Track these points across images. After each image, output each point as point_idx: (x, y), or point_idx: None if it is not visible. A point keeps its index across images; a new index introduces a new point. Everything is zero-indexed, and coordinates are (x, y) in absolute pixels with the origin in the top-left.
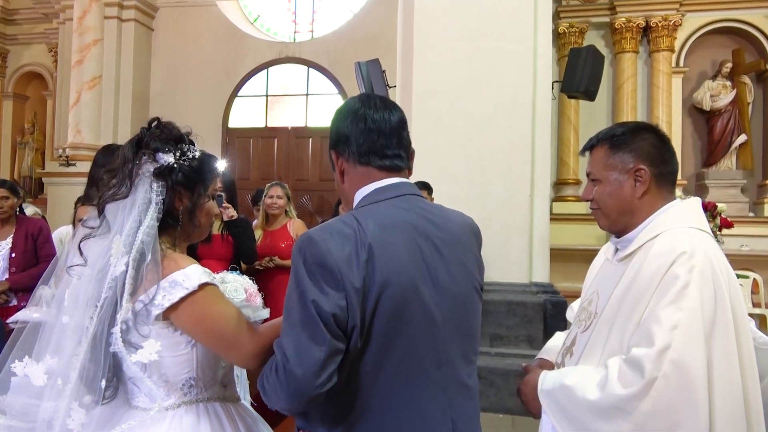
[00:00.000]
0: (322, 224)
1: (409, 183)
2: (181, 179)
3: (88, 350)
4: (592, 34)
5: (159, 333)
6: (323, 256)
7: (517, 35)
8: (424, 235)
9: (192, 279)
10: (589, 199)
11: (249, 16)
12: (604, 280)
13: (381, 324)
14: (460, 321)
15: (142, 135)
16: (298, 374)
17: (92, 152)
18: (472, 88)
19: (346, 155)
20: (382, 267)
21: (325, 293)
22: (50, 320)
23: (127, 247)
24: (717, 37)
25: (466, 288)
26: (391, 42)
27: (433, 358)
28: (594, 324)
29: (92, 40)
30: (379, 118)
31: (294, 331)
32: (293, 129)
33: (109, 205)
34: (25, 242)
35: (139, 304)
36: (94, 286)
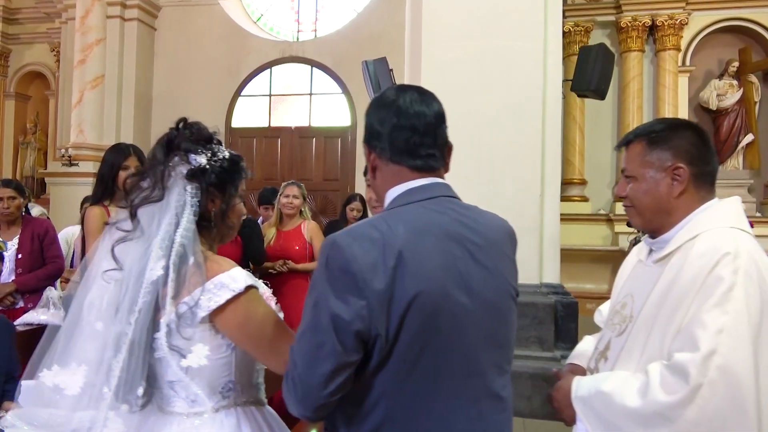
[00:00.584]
0: (350, 227)
1: (443, 183)
2: (213, 180)
3: (127, 357)
4: (598, 33)
5: (202, 336)
6: (346, 262)
7: (527, 33)
8: (458, 240)
9: (238, 281)
10: (623, 196)
11: (252, 15)
12: (639, 283)
13: (409, 334)
14: (493, 330)
15: (172, 136)
16: (306, 383)
17: (95, 152)
18: (481, 87)
19: (378, 151)
20: (412, 274)
21: (346, 301)
22: (78, 326)
23: (164, 250)
24: (723, 35)
25: (501, 296)
26: (396, 41)
27: (464, 369)
28: (630, 328)
29: (95, 40)
30: (414, 114)
31: (305, 338)
32: (297, 129)
33: (143, 208)
34: (32, 243)
35: (183, 306)
36: (131, 291)
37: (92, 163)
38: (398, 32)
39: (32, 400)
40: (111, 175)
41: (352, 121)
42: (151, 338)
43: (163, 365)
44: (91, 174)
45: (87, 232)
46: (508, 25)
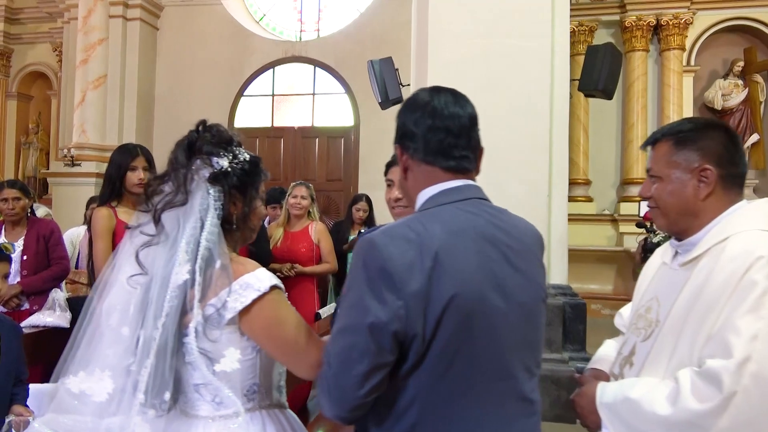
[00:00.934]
0: (385, 227)
1: (475, 186)
2: (235, 183)
3: (155, 362)
4: (602, 33)
5: (230, 338)
6: (384, 262)
7: (535, 32)
8: (493, 242)
9: (263, 281)
10: (647, 197)
11: (254, 15)
12: (664, 286)
13: (445, 335)
14: (525, 333)
15: (193, 139)
16: (342, 384)
17: (97, 152)
18: (488, 87)
19: (411, 152)
20: (449, 276)
21: (383, 301)
22: (98, 331)
23: (189, 254)
24: (728, 35)
25: (533, 299)
26: (399, 40)
27: (497, 372)
28: (656, 333)
29: (97, 40)
30: (449, 116)
31: (341, 338)
32: (300, 129)
33: (166, 213)
34: (37, 244)
35: (210, 308)
36: (157, 295)
37: (95, 163)
38: (402, 32)
39: (54, 407)
40: (119, 176)
41: (355, 121)
42: (179, 343)
43: (189, 369)
44: (94, 174)
45: (94, 234)
46: (515, 24)
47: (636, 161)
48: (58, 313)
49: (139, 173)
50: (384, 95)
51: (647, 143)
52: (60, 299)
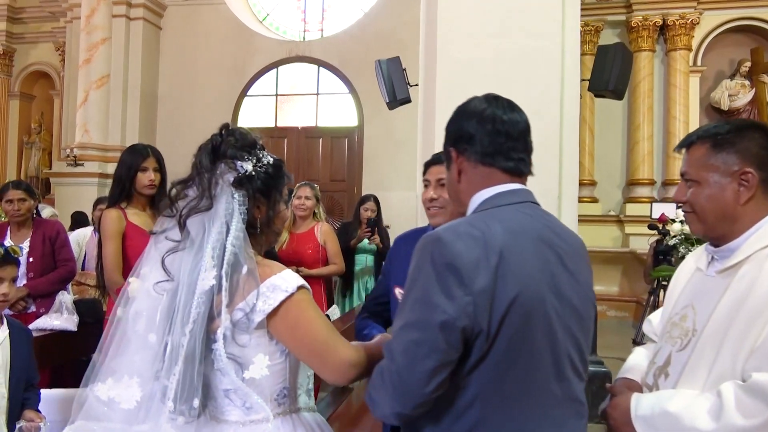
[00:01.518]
0: (448, 225)
1: (529, 190)
2: (259, 186)
3: (183, 369)
4: (608, 33)
5: (258, 342)
6: (453, 257)
7: (545, 31)
8: (549, 245)
9: (290, 282)
10: (682, 201)
11: (258, 14)
12: (701, 294)
13: (508, 333)
14: (577, 336)
15: (216, 142)
16: (407, 379)
17: (100, 152)
18: (498, 87)
19: (468, 154)
20: (512, 274)
21: (452, 297)
22: (125, 337)
23: (216, 259)
24: (735, 35)
25: (585, 302)
26: (404, 40)
27: (554, 373)
28: (693, 343)
29: (100, 39)
30: (508, 121)
31: (406, 333)
32: (303, 129)
33: (192, 218)
34: (43, 246)
35: (239, 312)
36: (184, 302)
37: (97, 163)
38: (406, 31)
39: (83, 414)
40: (129, 177)
41: (359, 121)
42: (207, 349)
43: (218, 374)
44: (97, 174)
45: (103, 236)
46: (525, 23)
47: (642, 162)
48: (66, 316)
49: (150, 174)
50: (392, 95)
51: (681, 146)
52: (67, 302)
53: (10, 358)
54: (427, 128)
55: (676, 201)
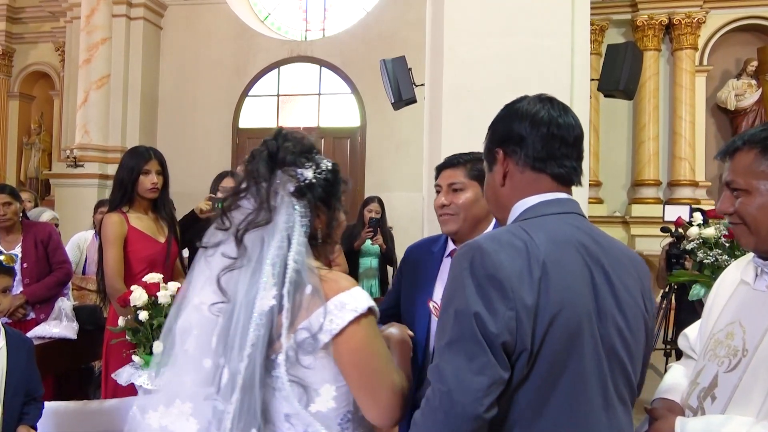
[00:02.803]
0: (489, 234)
1: (576, 201)
2: (320, 195)
3: (240, 397)
4: (613, 32)
5: (323, 365)
6: (495, 269)
7: (554, 30)
8: (595, 259)
9: (360, 301)
10: (729, 213)
11: (259, 14)
12: (749, 310)
13: (550, 352)
14: (622, 359)
15: (274, 149)
16: (460, 401)
17: (100, 153)
18: (507, 86)
19: (517, 157)
20: (556, 288)
21: (494, 311)
22: (176, 354)
23: (276, 277)
24: (741, 34)
25: (634, 322)
26: (407, 39)
27: (601, 399)
28: (744, 364)
29: (100, 39)
30: (564, 125)
31: (452, 352)
32: (305, 129)
33: (250, 234)
34: (36, 250)
35: (303, 332)
36: (242, 324)
37: (97, 164)
38: (409, 31)
39: None
40: (131, 180)
41: (362, 122)
42: (267, 373)
43: (278, 398)
44: (97, 175)
45: (105, 240)
46: (534, 22)
47: (648, 163)
48: (65, 324)
49: (153, 177)
50: (397, 95)
51: (725, 153)
52: (67, 309)
53: (7, 369)
54: (434, 129)
55: (722, 212)
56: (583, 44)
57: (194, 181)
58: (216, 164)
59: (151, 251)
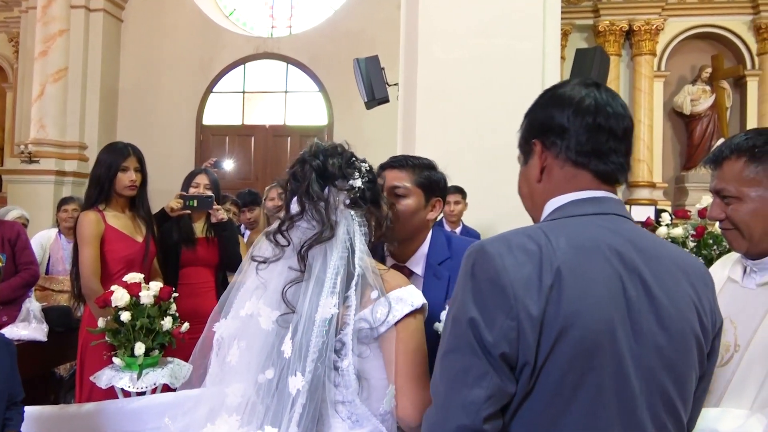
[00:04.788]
0: (502, 235)
1: (618, 201)
2: (371, 197)
3: (305, 403)
4: (576, 36)
5: (375, 354)
6: (496, 273)
7: (527, 33)
8: (632, 268)
9: (416, 297)
10: (720, 219)
11: (224, 9)
12: (738, 307)
13: (557, 370)
14: (663, 384)
15: (320, 167)
16: (456, 416)
17: (57, 148)
18: (481, 88)
19: (558, 150)
20: (570, 298)
21: (491, 319)
22: (216, 365)
23: (339, 285)
24: (697, 42)
25: (680, 342)
26: (375, 38)
27: (623, 427)
28: (738, 358)
29: (57, 31)
30: (614, 115)
31: (447, 362)
32: (271, 127)
33: (312, 250)
34: (2, 249)
35: (362, 322)
36: (305, 333)
37: (54, 160)
38: (377, 30)
39: None
40: (108, 177)
41: (329, 120)
42: (331, 371)
43: (330, 386)
44: (53, 172)
45: (80, 239)
46: (507, 25)
47: None
48: (34, 326)
49: (131, 174)
50: (370, 94)
51: (712, 161)
52: (35, 310)
53: None
54: (408, 128)
55: (714, 219)
56: (554, 48)
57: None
58: (179, 161)
59: (129, 251)
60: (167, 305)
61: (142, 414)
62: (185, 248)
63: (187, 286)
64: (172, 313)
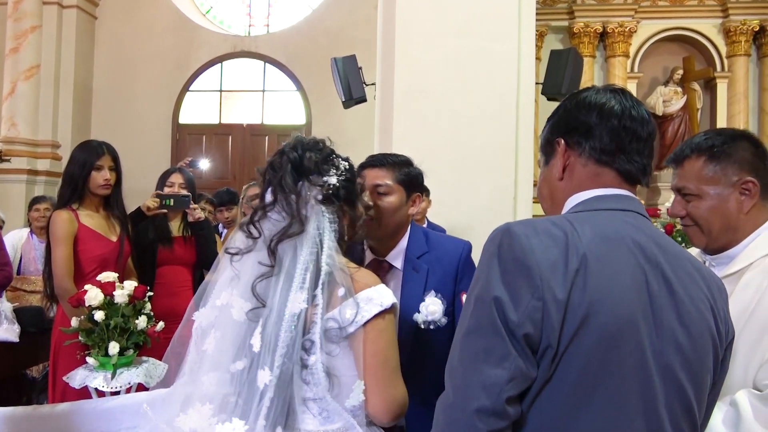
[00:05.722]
0: (527, 220)
1: (639, 202)
2: (345, 196)
3: (273, 396)
4: (551, 38)
5: (345, 353)
6: (523, 253)
7: (503, 34)
8: (654, 263)
9: (386, 297)
10: (681, 215)
11: (200, 7)
12: None
13: (580, 357)
14: (680, 381)
15: (295, 160)
16: (476, 397)
17: (29, 147)
18: (458, 88)
19: (581, 149)
20: (595, 285)
21: (518, 297)
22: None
23: (309, 282)
24: (669, 44)
25: (700, 341)
26: (353, 38)
27: (642, 424)
28: None
29: (29, 27)
30: (639, 119)
31: (468, 343)
32: (249, 126)
33: (283, 244)
34: None
35: (331, 322)
36: (274, 328)
37: (26, 159)
38: (356, 29)
39: None
40: (82, 176)
41: (307, 119)
42: (302, 368)
43: (300, 384)
44: (25, 171)
45: (53, 239)
46: (484, 25)
47: None
48: (5, 326)
49: (105, 173)
50: (348, 94)
51: (673, 160)
52: (6, 311)
53: None
54: (385, 128)
55: (675, 215)
56: (529, 49)
57: (132, 178)
58: (155, 160)
59: (103, 250)
60: (142, 304)
61: (116, 414)
62: (162, 247)
63: (164, 285)
64: (147, 312)
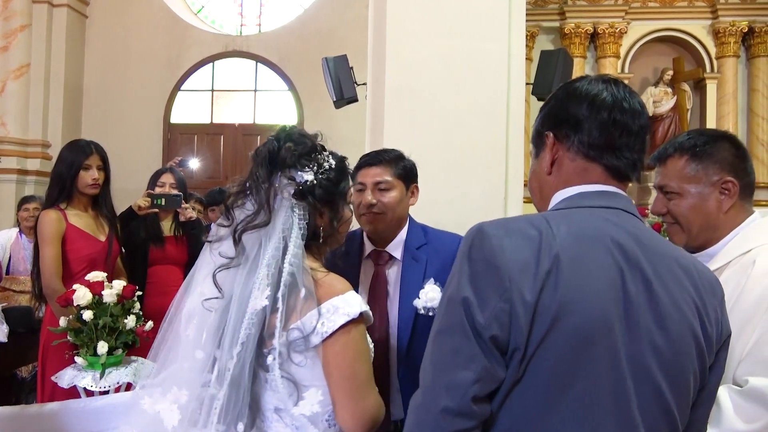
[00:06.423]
0: (503, 219)
1: (627, 198)
2: (321, 195)
3: (228, 392)
4: (542, 39)
5: (313, 363)
6: (492, 253)
7: (493, 34)
8: (634, 262)
9: (353, 306)
10: (662, 213)
11: (192, 6)
12: None
13: (549, 359)
14: (656, 385)
15: (274, 151)
16: (441, 398)
17: (19, 147)
18: (448, 87)
19: (570, 142)
20: (567, 287)
21: (484, 299)
22: (179, 339)
23: (271, 278)
24: (659, 45)
25: (679, 342)
26: (345, 38)
27: (613, 425)
28: None
29: (19, 26)
30: (630, 111)
31: (437, 344)
32: (240, 126)
33: (248, 234)
34: None
35: (295, 332)
36: (234, 321)
37: (16, 158)
38: (347, 29)
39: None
40: (70, 175)
41: (299, 119)
42: (260, 367)
43: (269, 391)
44: (15, 171)
45: (41, 239)
46: (474, 25)
47: None
48: None
49: (93, 173)
50: (339, 93)
51: (656, 159)
52: None
53: None
54: (376, 128)
55: (656, 213)
56: (519, 49)
57: (123, 178)
58: (146, 160)
59: (91, 250)
60: (131, 304)
61: (105, 413)
62: (154, 246)
63: (156, 285)
64: (136, 312)
